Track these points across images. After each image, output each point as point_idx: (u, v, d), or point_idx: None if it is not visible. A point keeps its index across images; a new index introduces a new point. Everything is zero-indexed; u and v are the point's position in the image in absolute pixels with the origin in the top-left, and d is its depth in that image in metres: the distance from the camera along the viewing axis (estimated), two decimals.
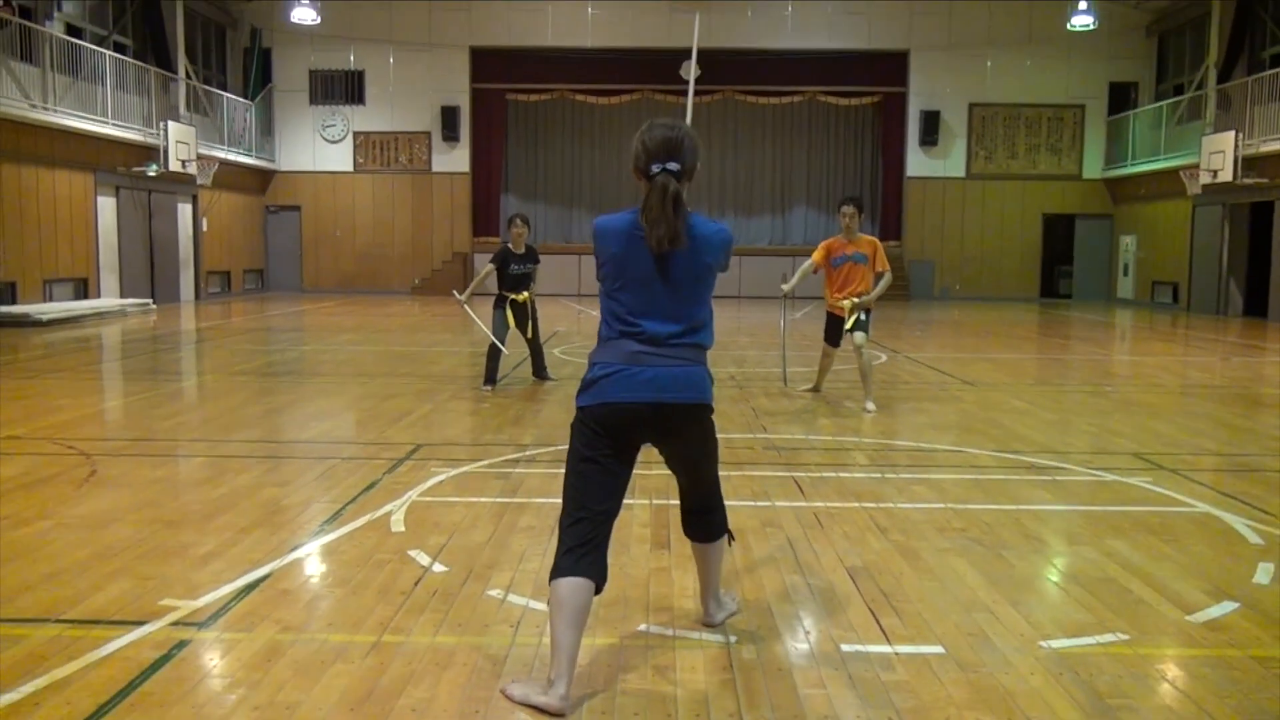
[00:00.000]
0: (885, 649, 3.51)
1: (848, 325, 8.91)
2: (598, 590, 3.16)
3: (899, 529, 4.98)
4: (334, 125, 27.30)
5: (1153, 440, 7.48)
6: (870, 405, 8.72)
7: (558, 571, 3.13)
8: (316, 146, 27.41)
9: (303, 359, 12.67)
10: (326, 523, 5.03)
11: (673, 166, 3.15)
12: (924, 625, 3.72)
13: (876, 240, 9.03)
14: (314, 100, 27.25)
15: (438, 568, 4.34)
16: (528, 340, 9.98)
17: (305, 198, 27.53)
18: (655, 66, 26.60)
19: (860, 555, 4.57)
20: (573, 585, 3.09)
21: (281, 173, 27.43)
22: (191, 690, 3.14)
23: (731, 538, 3.69)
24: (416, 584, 4.13)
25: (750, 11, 26.45)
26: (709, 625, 3.69)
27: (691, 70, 6.37)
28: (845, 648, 3.52)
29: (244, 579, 4.18)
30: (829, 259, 8.93)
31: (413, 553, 4.53)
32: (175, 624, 3.67)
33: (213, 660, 3.38)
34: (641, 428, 3.22)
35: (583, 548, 3.14)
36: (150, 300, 21.00)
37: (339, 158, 27.42)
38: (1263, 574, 4.33)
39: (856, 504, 5.48)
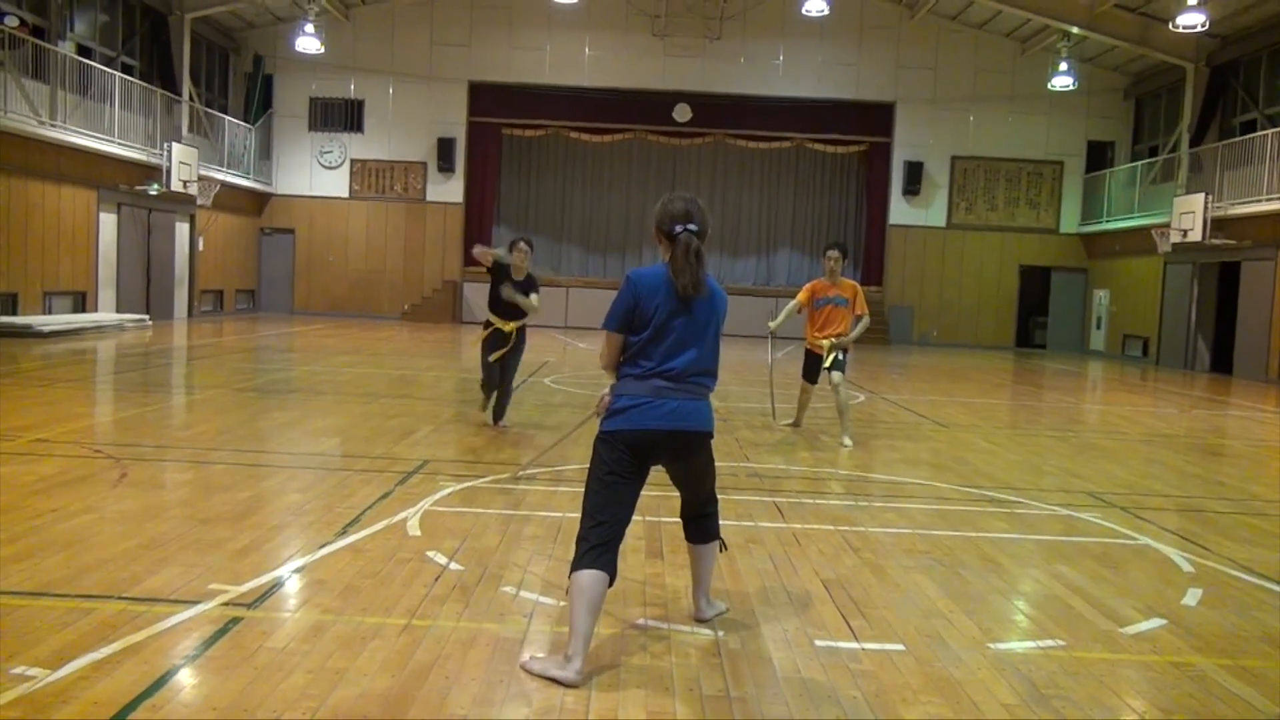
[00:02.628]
0: (853, 645, 4.02)
1: (826, 364, 9.39)
2: (610, 583, 3.70)
3: (869, 549, 5.50)
4: (332, 152, 27.86)
5: (1107, 481, 8.03)
6: (847, 440, 9.22)
7: (580, 564, 3.67)
8: (313, 172, 27.95)
9: (303, 378, 13.12)
10: (348, 525, 5.50)
11: (693, 227, 3.79)
12: (888, 627, 4.24)
13: (858, 285, 9.56)
14: (313, 127, 27.82)
15: (454, 566, 4.82)
16: (499, 377, 9.22)
17: (300, 221, 28.03)
18: (649, 108, 27.39)
19: (834, 569, 5.08)
20: (592, 577, 3.64)
21: (278, 196, 27.94)
22: (251, 656, 3.61)
23: (724, 545, 4.31)
24: (437, 579, 4.61)
25: (743, 58, 27.26)
26: (699, 620, 4.19)
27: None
28: (819, 643, 4.02)
29: (282, 570, 4.65)
30: (812, 300, 9.42)
31: (430, 553, 5.01)
32: (226, 604, 4.14)
33: (265, 633, 3.85)
34: (660, 450, 3.83)
35: (602, 547, 3.69)
36: (146, 316, 21.39)
37: (335, 184, 27.96)
38: (1190, 597, 4.86)
39: (832, 527, 5.99)
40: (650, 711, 3.33)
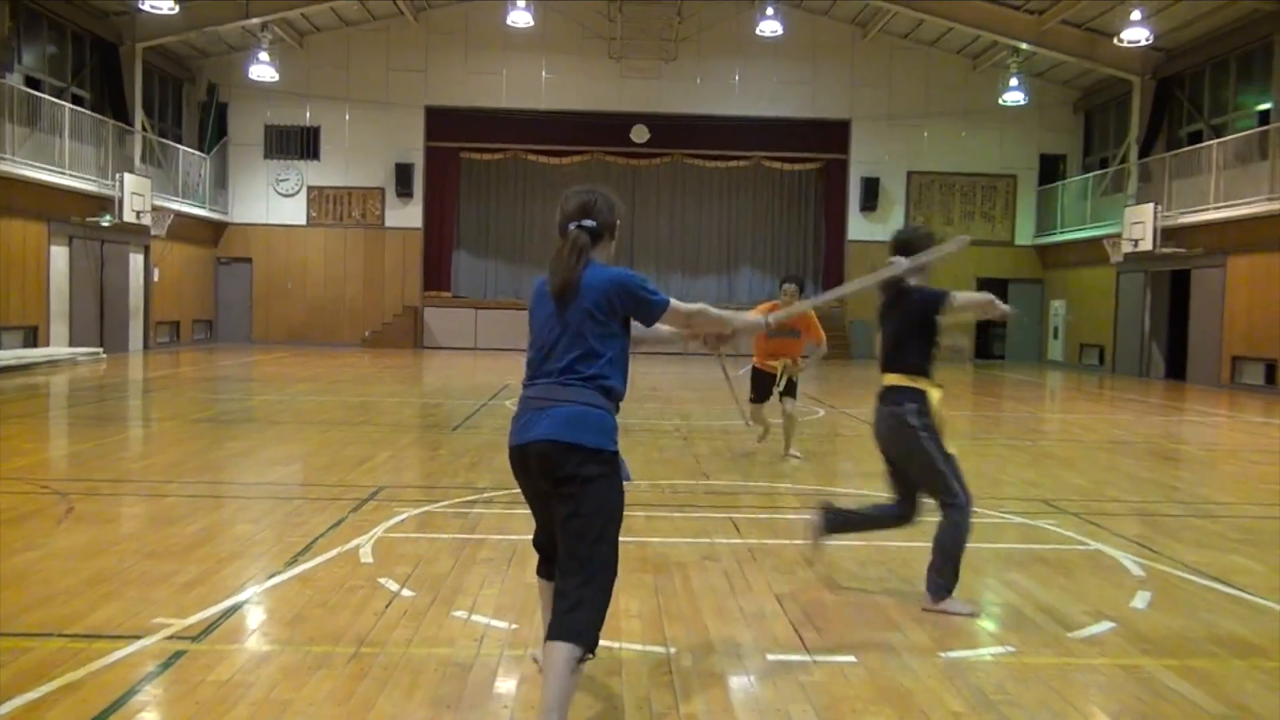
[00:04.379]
0: (805, 658, 4.01)
1: (779, 385, 9.23)
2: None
3: (824, 563, 5.51)
4: (288, 179, 27.70)
5: (1063, 489, 8.11)
6: (796, 452, 9.28)
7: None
8: (270, 200, 27.77)
9: (260, 408, 12.98)
10: (299, 554, 5.43)
11: (587, 223, 3.39)
12: (840, 639, 4.24)
13: (811, 313, 9.12)
14: (269, 154, 27.65)
15: (406, 593, 4.77)
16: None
17: (257, 250, 27.81)
18: (606, 129, 27.48)
19: (788, 584, 5.08)
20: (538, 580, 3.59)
21: (234, 225, 27.71)
22: (193, 690, 3.55)
23: (584, 656, 3.14)
24: (388, 606, 4.56)
25: (699, 79, 27.44)
26: None
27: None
28: (770, 656, 4.02)
29: (228, 601, 4.58)
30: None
31: (382, 580, 4.96)
32: (170, 638, 4.07)
33: (209, 666, 3.78)
34: (530, 473, 3.31)
35: (540, 554, 3.58)
36: (100, 349, 21.09)
37: (292, 211, 27.78)
38: (1140, 600, 4.91)
39: (788, 541, 6.00)
40: None
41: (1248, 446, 11.43)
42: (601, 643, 4.07)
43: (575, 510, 3.18)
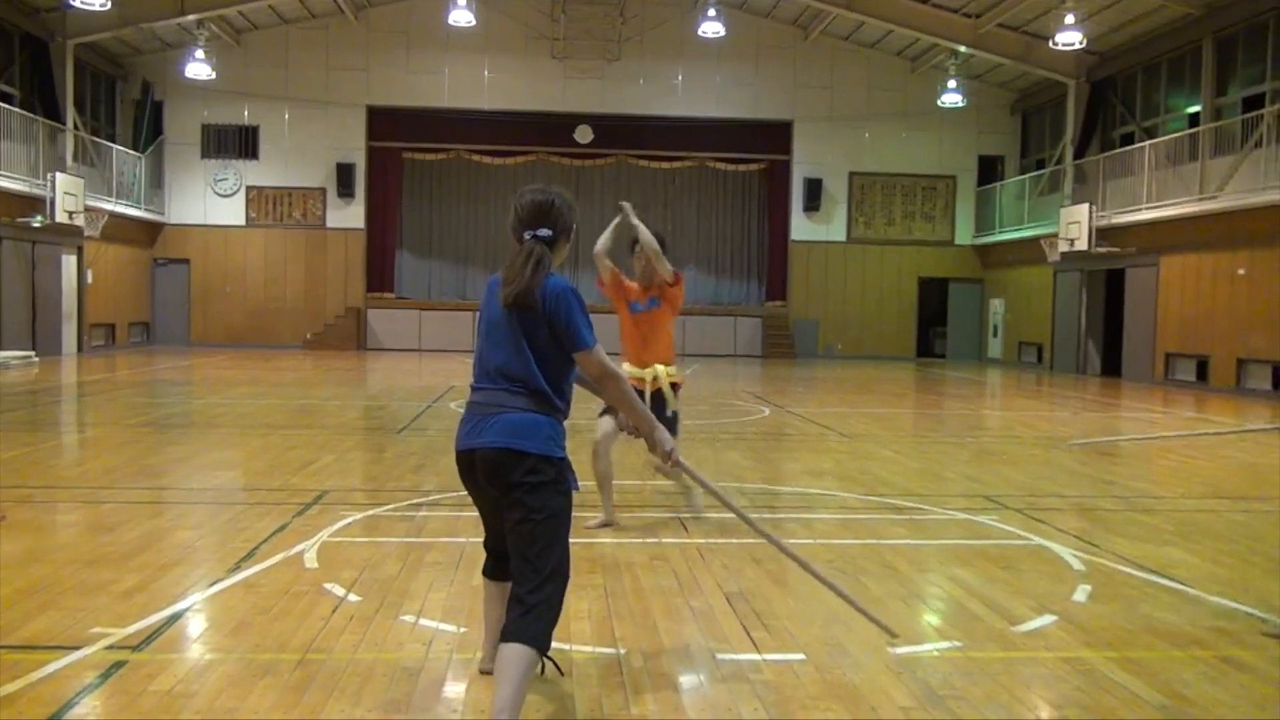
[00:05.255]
0: (755, 657, 4.03)
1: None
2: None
3: (772, 560, 5.54)
4: (226, 179, 27.24)
5: (1003, 484, 8.25)
6: (694, 505, 6.67)
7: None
8: (208, 200, 27.29)
9: (199, 411, 12.74)
10: (242, 560, 5.33)
11: (543, 234, 3.34)
12: (789, 637, 4.27)
13: (664, 261, 6.22)
14: (206, 154, 27.18)
15: (352, 598, 4.71)
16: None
17: (195, 251, 27.32)
18: (549, 129, 27.41)
19: (737, 582, 5.10)
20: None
21: (171, 226, 27.19)
22: (134, 701, 3.47)
23: (544, 667, 3.43)
24: (334, 611, 4.50)
25: (642, 80, 27.49)
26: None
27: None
28: (720, 656, 4.03)
29: (169, 610, 4.48)
30: (626, 305, 6.38)
31: (328, 585, 4.89)
32: (109, 648, 3.97)
33: (150, 676, 3.69)
34: (476, 478, 3.33)
35: (490, 555, 3.65)
36: (32, 352, 20.57)
37: (231, 212, 27.33)
38: (1080, 594, 5.01)
39: (736, 540, 6.02)
40: None
41: (1180, 441, 11.71)
42: (552, 645, 4.07)
43: (525, 516, 3.20)
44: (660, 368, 6.28)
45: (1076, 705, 3.61)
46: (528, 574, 3.18)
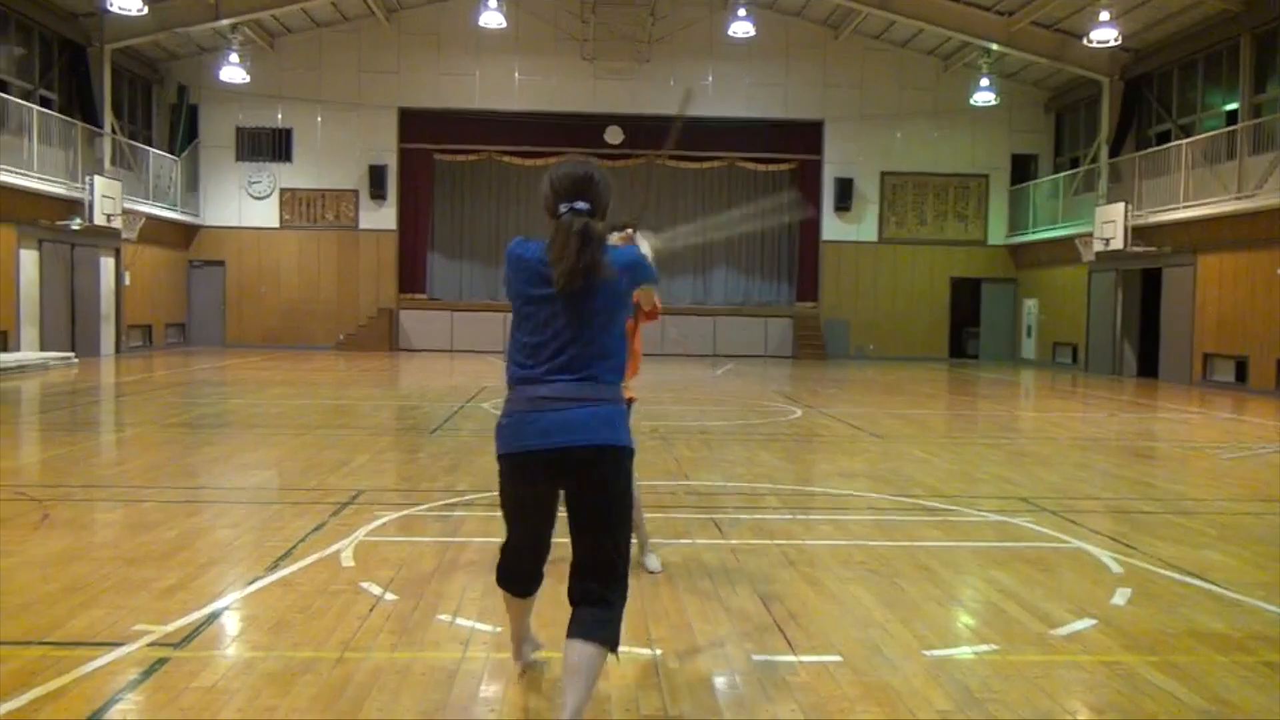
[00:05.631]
0: (791, 658, 4.02)
1: None
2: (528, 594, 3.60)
3: (806, 562, 5.52)
4: (260, 182, 27.51)
5: (1039, 486, 8.17)
6: (653, 561, 5.33)
7: (499, 580, 3.56)
8: (242, 202, 27.57)
9: (235, 411, 12.88)
10: (280, 559, 5.39)
11: (581, 206, 3.10)
12: (825, 639, 4.25)
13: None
14: (240, 157, 27.46)
15: (389, 597, 4.75)
16: None
17: (230, 253, 27.61)
18: (580, 130, 27.44)
19: (771, 584, 5.09)
20: (506, 596, 3.61)
21: (206, 228, 27.50)
22: (177, 697, 3.51)
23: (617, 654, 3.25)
24: (371, 610, 4.54)
25: (672, 80, 27.47)
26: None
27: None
28: (756, 657, 4.02)
29: (209, 608, 4.54)
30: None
31: (364, 584, 4.93)
32: (152, 645, 4.03)
33: (193, 673, 3.74)
34: (548, 477, 3.16)
35: (506, 570, 3.56)
36: (71, 353, 20.86)
37: (265, 214, 27.60)
38: (1119, 597, 4.96)
39: (769, 541, 6.01)
40: None
41: (1219, 443, 11.56)
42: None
43: (612, 513, 3.12)
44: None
45: (1117, 710, 3.58)
46: (608, 572, 3.11)
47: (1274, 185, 18.07)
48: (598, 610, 3.08)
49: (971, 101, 26.73)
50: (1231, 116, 20.58)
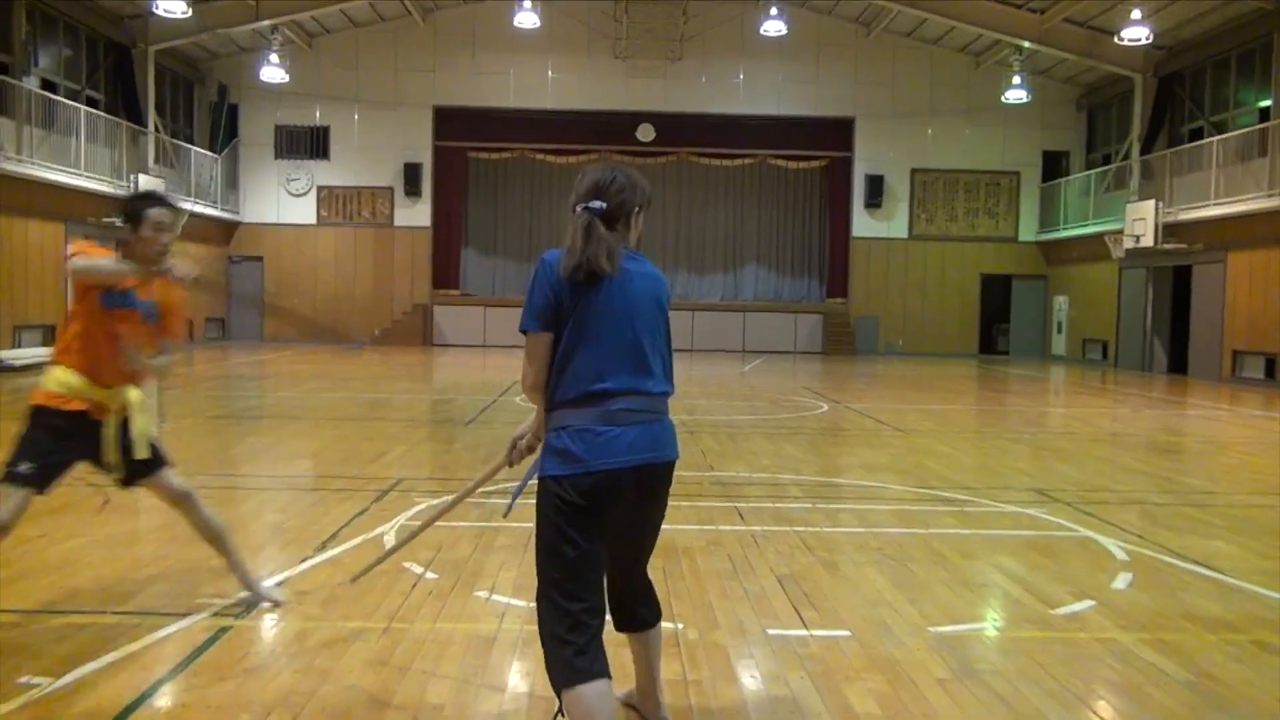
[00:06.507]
0: (803, 632, 4.32)
1: (140, 453, 4.40)
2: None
3: (824, 548, 5.81)
4: (298, 179, 28.05)
5: (1057, 480, 8.39)
6: (275, 594, 4.66)
7: (575, 676, 2.92)
8: (280, 200, 28.12)
9: (276, 404, 13.31)
10: (327, 541, 5.74)
11: (595, 205, 3.11)
12: (836, 616, 4.54)
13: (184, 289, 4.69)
14: (279, 155, 28.01)
15: (430, 575, 5.09)
16: None
17: (268, 249, 28.17)
18: (612, 127, 27.76)
19: (789, 566, 5.38)
20: (599, 689, 2.92)
21: (245, 224, 28.07)
22: (241, 659, 3.87)
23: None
24: (413, 587, 4.87)
25: (704, 78, 27.72)
26: None
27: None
28: (770, 631, 4.32)
29: (265, 584, 4.89)
30: (99, 296, 4.30)
31: (407, 564, 5.27)
32: (215, 615, 4.39)
33: (253, 640, 4.10)
34: (624, 496, 3.01)
35: (591, 640, 3.00)
36: None
37: (302, 211, 28.14)
38: (1121, 581, 5.20)
39: (789, 528, 6.30)
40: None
41: (1244, 439, 11.69)
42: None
43: (657, 520, 3.23)
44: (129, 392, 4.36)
45: (1105, 682, 3.84)
46: (644, 563, 3.32)
47: None
48: (650, 596, 3.43)
49: (1003, 99, 26.76)
50: (1264, 114, 20.54)
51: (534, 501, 3.10)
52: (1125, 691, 3.76)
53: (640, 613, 3.29)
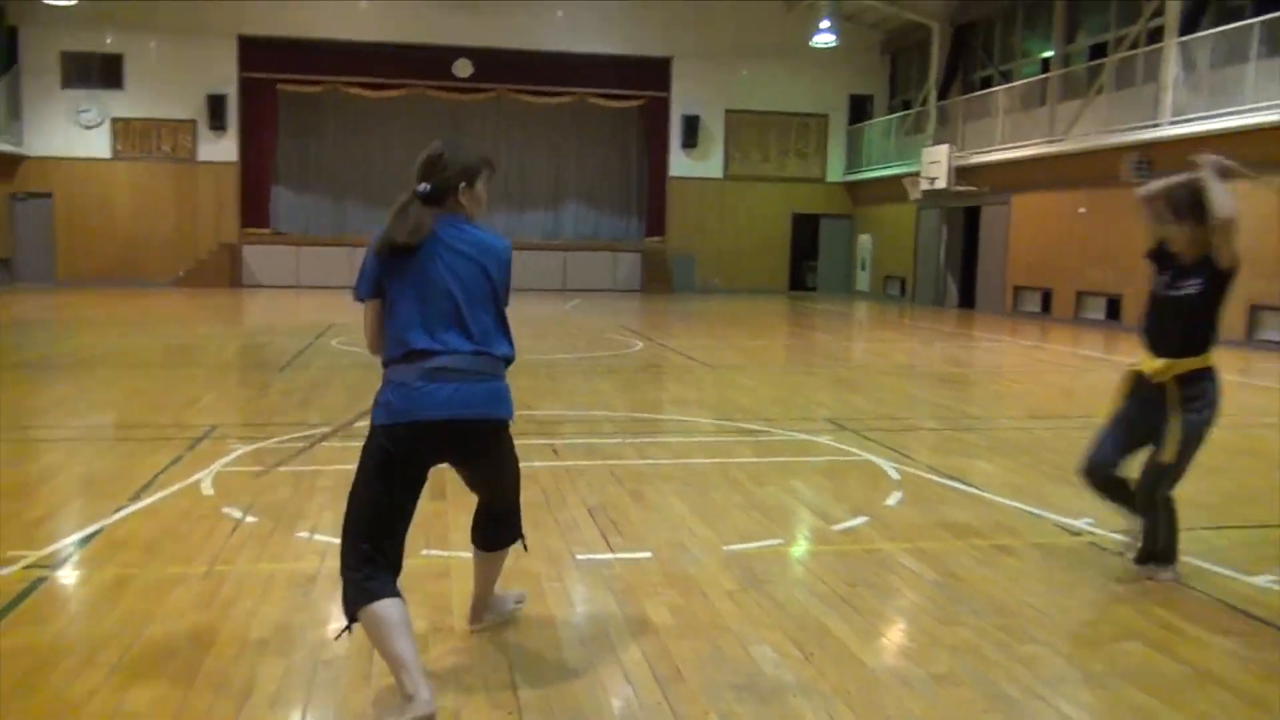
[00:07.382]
0: (609, 556, 4.72)
1: None
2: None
3: (632, 479, 6.23)
4: (90, 110, 26.36)
5: (846, 409, 9.12)
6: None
7: (368, 595, 3.21)
8: (70, 133, 26.37)
9: (75, 351, 12.78)
10: (141, 490, 5.76)
11: (419, 188, 3.30)
12: (639, 540, 4.96)
13: None
14: (67, 84, 26.20)
15: (249, 519, 5.22)
16: None
17: (58, 185, 26.44)
18: (428, 62, 27.24)
19: (598, 497, 5.78)
20: (393, 604, 3.20)
21: (31, 159, 26.22)
22: (63, 607, 3.96)
23: (525, 543, 3.92)
24: (233, 531, 5.00)
25: (523, 13, 27.47)
26: (476, 628, 3.86)
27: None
28: (579, 556, 4.70)
29: (79, 534, 4.92)
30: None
31: (226, 509, 5.37)
32: (27, 567, 4.41)
33: (72, 589, 4.18)
34: (439, 447, 3.38)
35: (385, 565, 3.37)
36: None
37: (96, 144, 26.51)
38: (892, 499, 5.84)
39: (601, 462, 6.70)
40: (431, 624, 3.91)
41: (1015, 368, 12.85)
42: (433, 551, 4.67)
43: (502, 469, 3.71)
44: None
45: (867, 585, 4.40)
46: (504, 499, 3.82)
47: (1080, 130, 19.62)
48: (507, 521, 3.91)
49: (812, 43, 27.68)
50: (1046, 64, 22.10)
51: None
52: (883, 592, 4.32)
53: (489, 533, 3.75)
